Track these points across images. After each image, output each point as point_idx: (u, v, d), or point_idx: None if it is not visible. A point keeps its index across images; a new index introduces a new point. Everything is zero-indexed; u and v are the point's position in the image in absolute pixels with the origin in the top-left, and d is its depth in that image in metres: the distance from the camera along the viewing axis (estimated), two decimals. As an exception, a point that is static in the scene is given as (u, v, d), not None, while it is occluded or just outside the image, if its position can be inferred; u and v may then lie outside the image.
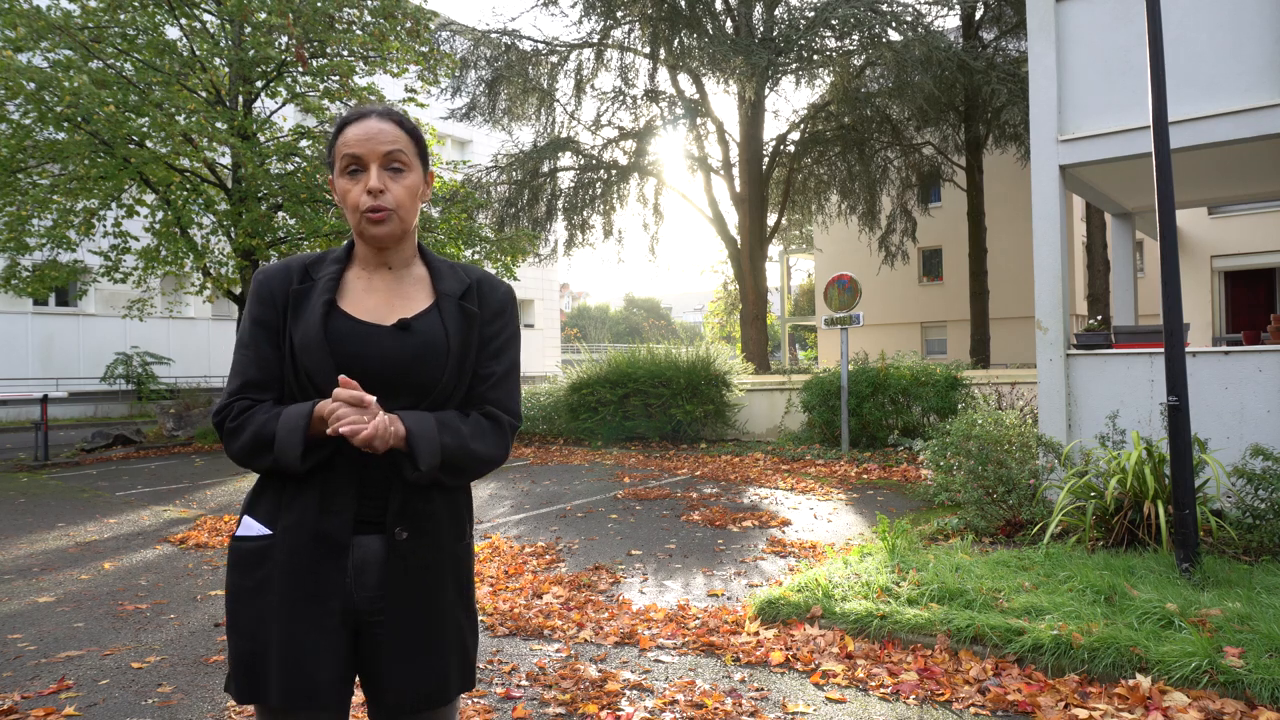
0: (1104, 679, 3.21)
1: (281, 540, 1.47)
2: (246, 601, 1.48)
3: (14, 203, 12.30)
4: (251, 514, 1.53)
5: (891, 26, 17.55)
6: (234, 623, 1.49)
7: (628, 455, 11.42)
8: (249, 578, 1.48)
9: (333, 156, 1.56)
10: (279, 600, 1.45)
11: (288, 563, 1.46)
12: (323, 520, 1.47)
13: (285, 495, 1.49)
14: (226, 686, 1.51)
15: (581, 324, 58.46)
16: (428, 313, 1.56)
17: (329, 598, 1.46)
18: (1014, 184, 23.32)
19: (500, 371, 1.60)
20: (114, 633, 4.32)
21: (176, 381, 22.19)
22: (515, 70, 20.55)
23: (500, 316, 1.62)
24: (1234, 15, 5.71)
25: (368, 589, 1.49)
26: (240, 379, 1.51)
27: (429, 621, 1.51)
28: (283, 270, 1.56)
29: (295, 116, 15.09)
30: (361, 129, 1.52)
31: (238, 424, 1.47)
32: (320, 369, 1.46)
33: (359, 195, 1.50)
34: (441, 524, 1.54)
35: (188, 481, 9.90)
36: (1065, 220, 6.34)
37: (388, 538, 1.49)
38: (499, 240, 15.36)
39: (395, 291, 1.57)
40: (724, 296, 38.87)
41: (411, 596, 1.50)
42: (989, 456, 5.75)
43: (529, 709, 3.22)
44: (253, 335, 1.52)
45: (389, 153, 1.52)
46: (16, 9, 11.38)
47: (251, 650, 1.46)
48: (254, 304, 1.53)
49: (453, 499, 1.58)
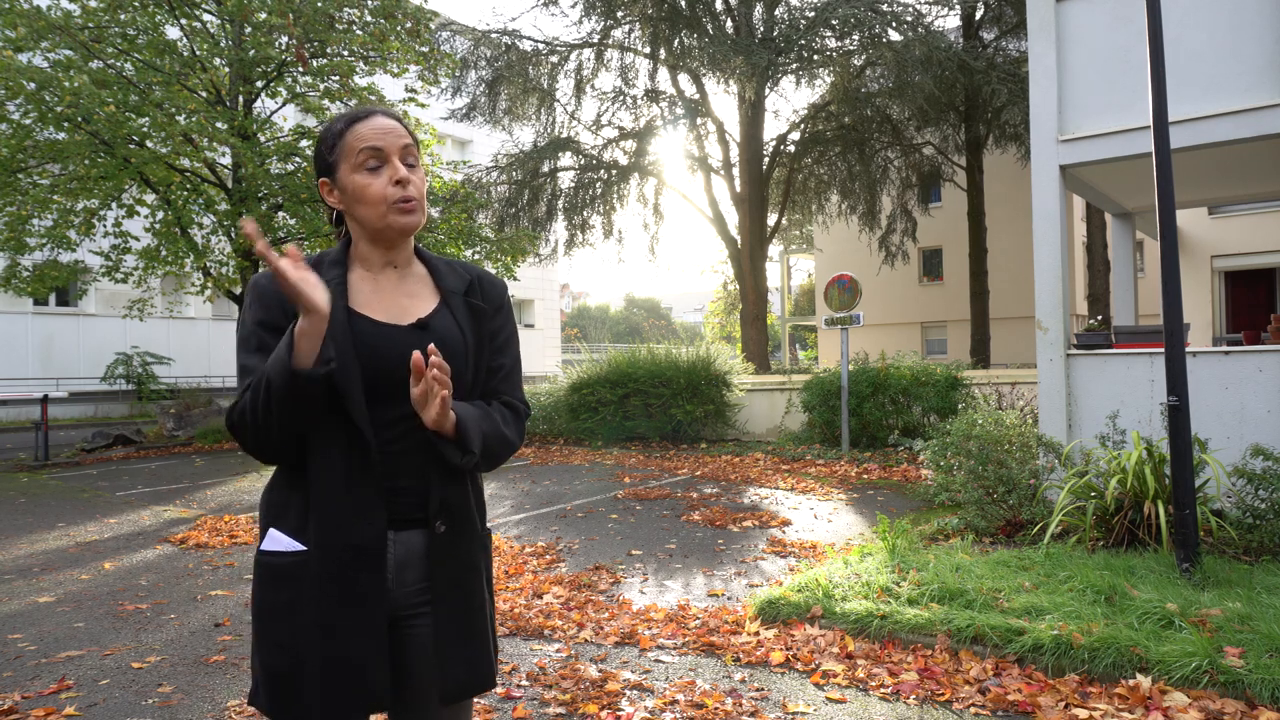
0: (1104, 679, 3.21)
1: (316, 555, 1.43)
2: (280, 619, 1.44)
3: (14, 202, 12.30)
4: (278, 526, 1.48)
5: (891, 26, 17.55)
6: (264, 638, 1.45)
7: (628, 455, 11.42)
8: (280, 594, 1.44)
9: (336, 155, 1.52)
10: (319, 616, 1.41)
11: (325, 578, 1.42)
12: (356, 530, 1.44)
13: (313, 504, 1.45)
14: (253, 700, 1.47)
15: (581, 324, 58.46)
16: (439, 311, 1.56)
17: (372, 604, 1.43)
18: (1014, 184, 23.32)
19: (509, 364, 1.65)
20: (114, 633, 4.32)
21: (177, 381, 22.19)
22: (515, 70, 20.55)
23: (501, 311, 1.66)
24: (1234, 15, 5.71)
25: (408, 585, 1.50)
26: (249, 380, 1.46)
27: (470, 611, 1.54)
28: None
29: (295, 116, 15.08)
30: (375, 124, 1.52)
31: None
32: (346, 373, 1.43)
33: (384, 187, 1.49)
34: (473, 514, 1.57)
35: (188, 481, 9.90)
36: (1065, 220, 6.34)
37: (428, 532, 1.49)
38: (499, 240, 15.36)
39: (402, 291, 1.57)
40: (724, 296, 38.89)
41: (454, 588, 1.52)
42: (989, 456, 5.75)
43: (529, 709, 3.22)
44: (258, 336, 1.47)
45: (406, 146, 1.53)
46: (16, 9, 11.38)
47: (287, 668, 1.42)
48: (257, 308, 1.48)
49: (477, 489, 1.61)
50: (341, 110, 13.68)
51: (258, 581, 1.48)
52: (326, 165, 1.55)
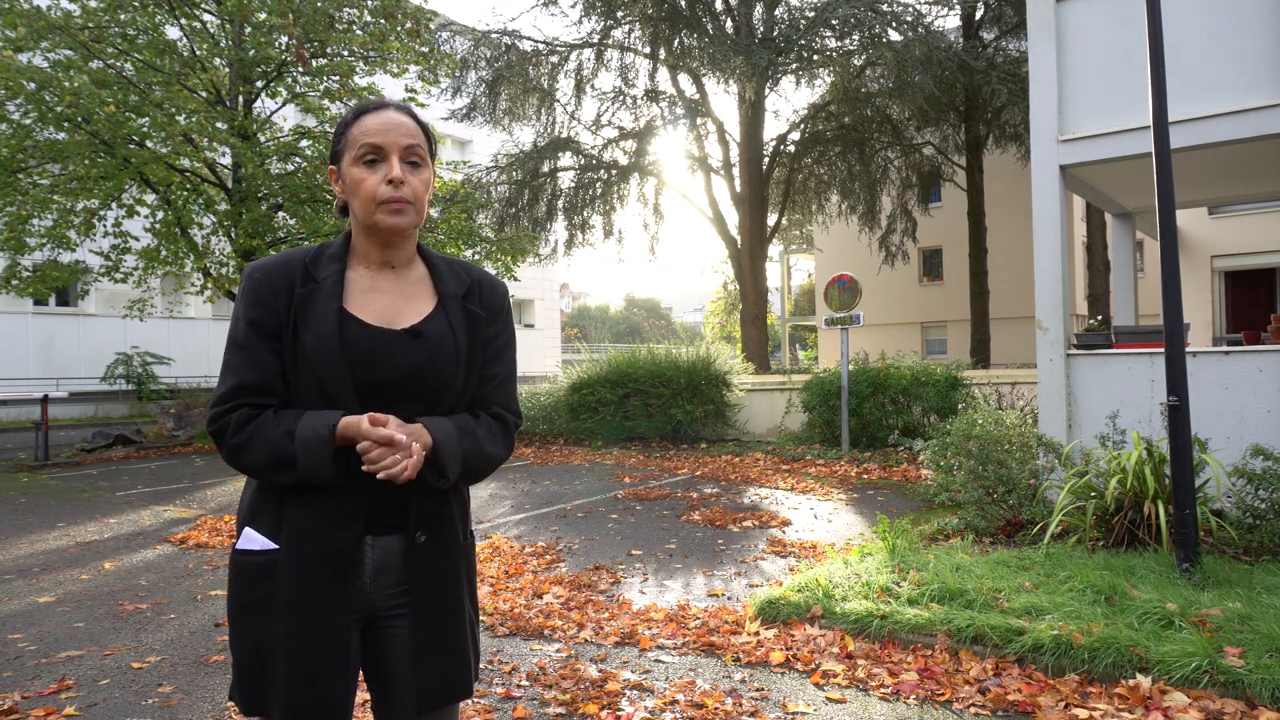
0: (1104, 679, 3.21)
1: (287, 556, 1.43)
2: (249, 617, 1.46)
3: (14, 203, 12.30)
4: (253, 525, 1.48)
5: (891, 26, 17.54)
6: (236, 636, 1.47)
7: (628, 455, 11.42)
8: (251, 593, 1.45)
9: (342, 145, 1.52)
10: (285, 618, 1.42)
11: (294, 581, 1.42)
12: (332, 535, 1.43)
13: (289, 506, 1.45)
14: (231, 695, 1.50)
15: (581, 324, 58.45)
16: (434, 316, 1.53)
17: (337, 615, 1.43)
18: (1014, 184, 23.32)
19: (503, 373, 1.62)
20: (114, 633, 4.32)
21: (177, 381, 22.18)
22: (515, 70, 20.55)
23: (499, 317, 1.62)
24: (1234, 15, 5.71)
25: (386, 588, 1.50)
26: (234, 381, 1.43)
27: (450, 620, 1.53)
28: (282, 269, 1.48)
29: (295, 116, 15.08)
30: (382, 119, 1.49)
31: (243, 439, 1.41)
32: (335, 378, 1.42)
33: (377, 185, 1.47)
34: (454, 524, 1.56)
35: (188, 481, 9.90)
36: (1065, 220, 6.34)
37: (406, 538, 1.49)
38: (499, 240, 15.36)
39: (399, 292, 1.54)
40: (724, 296, 38.88)
41: (433, 597, 1.51)
42: (989, 456, 5.75)
43: (529, 709, 3.22)
44: (249, 337, 1.44)
45: (409, 146, 1.50)
46: (17, 9, 11.38)
47: (254, 665, 1.44)
48: (250, 305, 1.45)
49: (460, 499, 1.60)
50: (342, 110, 13.60)
51: (231, 579, 1.49)
52: (335, 153, 1.55)
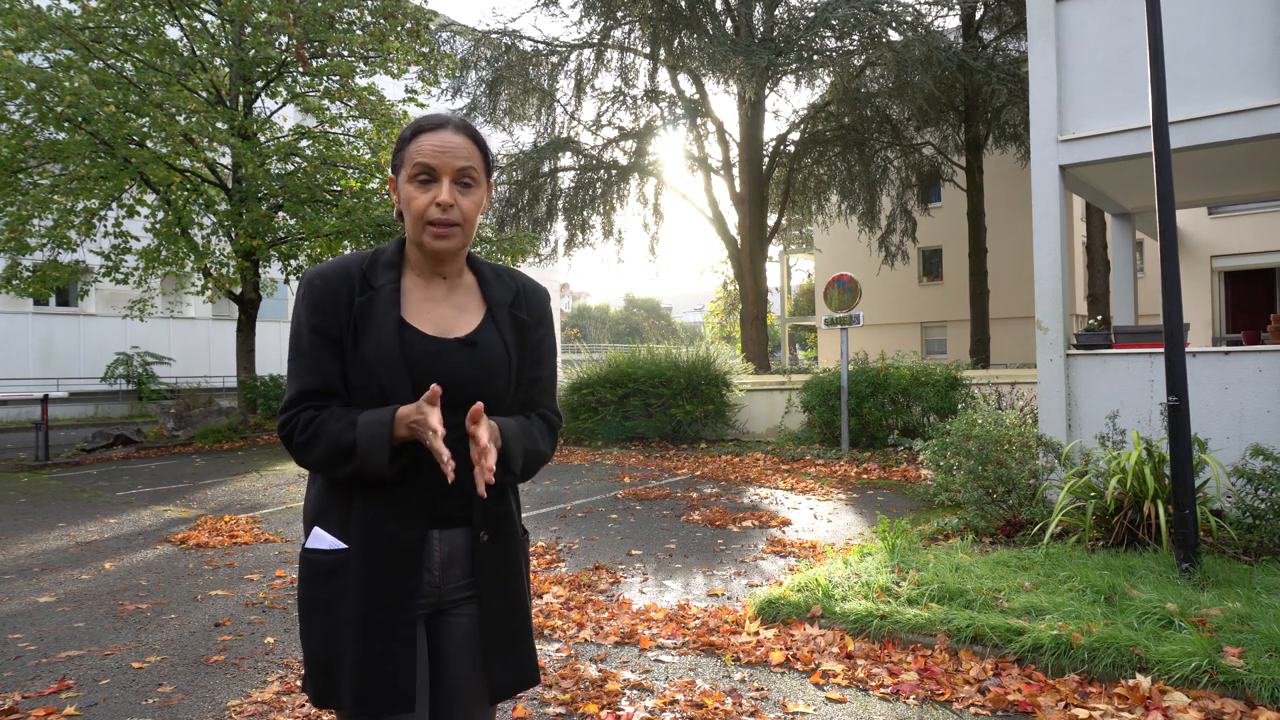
0: (1104, 679, 3.21)
1: (356, 553, 1.48)
2: (320, 613, 1.50)
3: (15, 203, 12.31)
4: (321, 524, 1.53)
5: (891, 26, 17.55)
6: (308, 631, 1.52)
7: (628, 455, 11.42)
8: (322, 590, 1.50)
9: (400, 160, 1.54)
10: (356, 613, 1.46)
11: (364, 577, 1.47)
12: (399, 530, 1.48)
13: (355, 505, 1.49)
14: (304, 687, 1.54)
15: (581, 324, 58.45)
16: (485, 325, 1.58)
17: (408, 606, 1.48)
18: (1014, 184, 23.31)
19: (547, 376, 1.69)
20: (114, 633, 4.32)
21: (177, 381, 22.19)
22: (515, 71, 20.56)
23: (543, 323, 1.69)
24: (1234, 15, 5.71)
25: (454, 580, 1.55)
26: (299, 386, 1.49)
27: (516, 611, 1.59)
28: (342, 277, 1.51)
29: (295, 116, 15.10)
30: (438, 140, 1.50)
31: (308, 435, 1.46)
32: (396, 385, 1.47)
33: (426, 205, 1.49)
34: (514, 519, 1.63)
35: (188, 481, 9.90)
36: (1065, 220, 6.34)
37: (472, 535, 1.55)
38: (499, 240, 15.36)
39: (451, 302, 1.59)
40: (724, 296, 38.90)
41: (500, 592, 1.57)
42: (989, 456, 5.75)
43: (529, 709, 3.22)
44: (311, 343, 1.49)
45: (462, 168, 1.50)
46: (17, 9, 11.39)
47: (327, 659, 1.49)
48: (312, 312, 1.49)
49: (516, 496, 1.67)
50: (342, 110, 13.51)
51: (301, 576, 1.55)
52: (394, 165, 1.58)
